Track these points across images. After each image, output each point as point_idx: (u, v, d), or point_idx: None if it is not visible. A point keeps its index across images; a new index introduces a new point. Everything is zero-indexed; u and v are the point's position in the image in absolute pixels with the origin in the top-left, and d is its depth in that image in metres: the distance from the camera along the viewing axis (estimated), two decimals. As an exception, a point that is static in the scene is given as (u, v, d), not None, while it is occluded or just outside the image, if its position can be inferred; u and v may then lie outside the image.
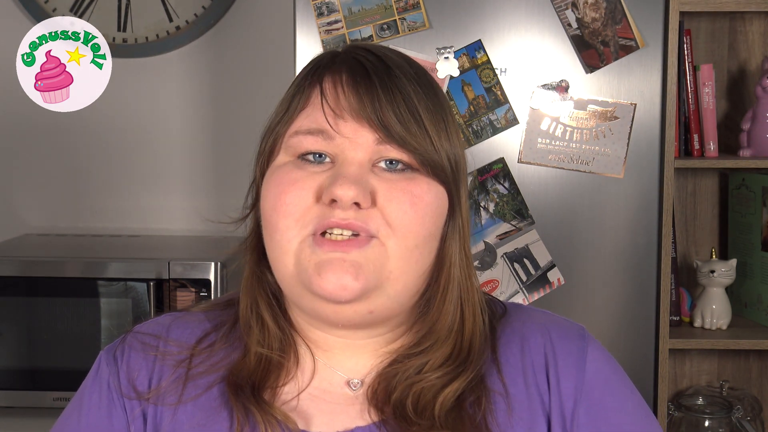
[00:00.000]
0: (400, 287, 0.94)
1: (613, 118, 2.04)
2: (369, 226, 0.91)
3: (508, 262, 2.06)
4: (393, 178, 0.93)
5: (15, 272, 2.10)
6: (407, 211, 0.92)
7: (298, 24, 2.02)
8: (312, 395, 0.98)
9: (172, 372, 0.99)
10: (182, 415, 0.97)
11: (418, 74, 0.97)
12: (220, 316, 1.05)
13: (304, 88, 0.97)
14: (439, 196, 0.95)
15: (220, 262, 2.06)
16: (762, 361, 2.53)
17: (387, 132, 0.92)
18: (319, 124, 0.94)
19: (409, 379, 0.95)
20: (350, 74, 0.94)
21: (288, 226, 0.93)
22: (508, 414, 0.95)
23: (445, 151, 0.95)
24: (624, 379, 1.02)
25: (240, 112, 2.57)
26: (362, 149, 0.93)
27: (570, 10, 2.03)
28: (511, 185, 2.05)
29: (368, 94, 0.93)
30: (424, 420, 0.92)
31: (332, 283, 0.91)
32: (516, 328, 1.02)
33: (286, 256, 0.93)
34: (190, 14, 2.55)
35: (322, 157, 0.94)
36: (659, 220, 2.06)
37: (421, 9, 2.03)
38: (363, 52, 0.97)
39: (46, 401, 2.09)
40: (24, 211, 2.61)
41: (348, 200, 0.90)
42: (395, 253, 0.92)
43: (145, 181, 2.59)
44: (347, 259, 0.91)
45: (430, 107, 0.95)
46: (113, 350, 1.02)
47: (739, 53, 2.48)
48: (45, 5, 2.53)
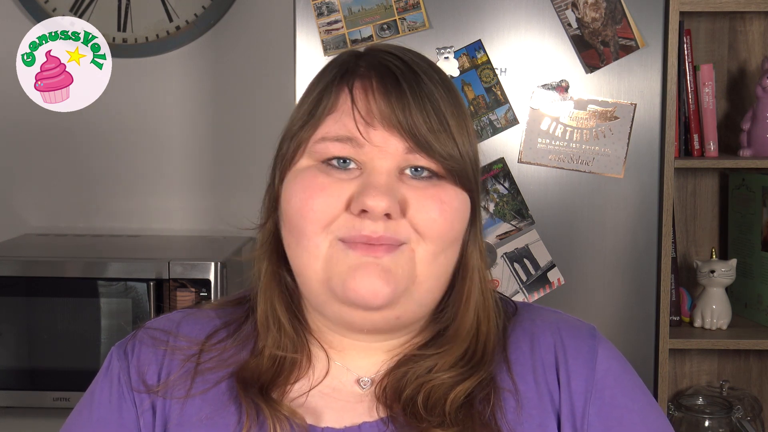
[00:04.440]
0: (424, 291, 0.94)
1: (613, 118, 2.03)
2: (399, 236, 0.92)
3: (508, 262, 2.06)
4: (421, 186, 0.93)
5: (15, 272, 2.10)
6: (436, 219, 0.92)
7: (298, 24, 2.02)
8: (321, 392, 0.98)
9: (180, 366, 0.99)
10: (190, 408, 0.97)
11: (443, 79, 0.97)
12: (230, 313, 1.05)
13: (332, 92, 0.95)
14: (464, 202, 0.96)
15: (220, 262, 2.06)
16: (762, 361, 2.53)
17: (416, 141, 0.92)
18: (348, 131, 0.93)
19: (420, 378, 0.95)
20: (380, 81, 0.93)
21: (315, 232, 0.92)
22: (517, 411, 0.95)
23: (469, 157, 0.95)
24: (635, 379, 1.02)
25: (240, 112, 2.57)
26: (391, 157, 0.92)
27: (570, 10, 2.03)
28: (511, 185, 2.05)
29: (399, 102, 0.92)
30: (434, 417, 0.92)
31: (365, 288, 0.90)
32: (526, 327, 1.02)
33: (316, 261, 0.93)
34: (190, 14, 2.55)
35: (347, 162, 0.93)
36: (659, 220, 2.06)
37: (421, 9, 2.03)
38: (389, 56, 0.96)
39: (46, 401, 2.09)
40: (24, 211, 2.61)
41: (380, 211, 0.90)
42: (423, 258, 0.93)
43: (145, 181, 2.59)
44: (379, 264, 0.91)
45: (455, 114, 0.95)
46: (124, 345, 1.03)
47: (739, 53, 2.48)
48: (45, 5, 2.52)
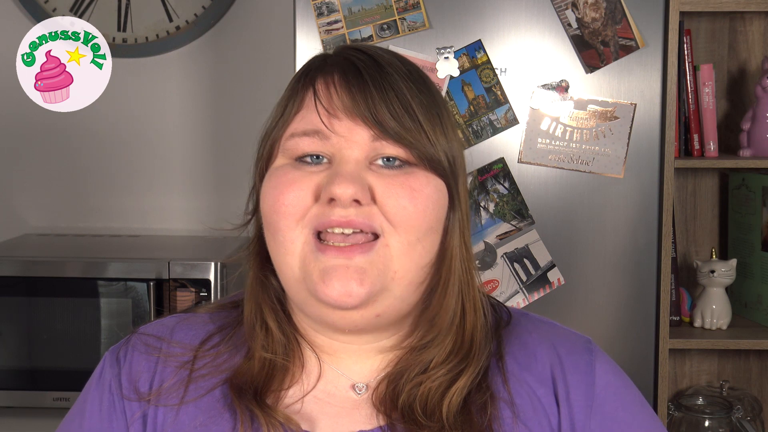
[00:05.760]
0: (405, 284, 0.94)
1: (613, 118, 2.03)
2: (372, 222, 0.91)
3: (508, 262, 2.06)
4: (391, 174, 0.93)
5: (15, 272, 2.10)
6: (407, 206, 0.92)
7: (298, 24, 2.02)
8: (317, 398, 0.98)
9: (174, 374, 0.99)
10: (184, 416, 0.97)
11: (410, 71, 0.97)
12: (225, 317, 1.05)
13: (298, 91, 0.97)
14: (439, 188, 0.95)
15: (220, 262, 2.06)
16: (762, 361, 2.53)
17: (382, 128, 0.92)
18: (314, 125, 0.94)
19: (416, 378, 0.95)
20: (342, 74, 0.95)
21: (289, 227, 0.93)
22: (513, 422, 0.95)
23: (441, 145, 0.95)
24: (634, 392, 1.01)
25: (240, 112, 2.57)
26: (358, 147, 0.93)
27: (570, 10, 2.03)
28: (511, 185, 2.05)
29: (361, 92, 0.93)
30: (434, 422, 0.92)
31: (337, 290, 0.91)
32: (523, 340, 1.01)
33: (291, 257, 0.93)
34: (190, 14, 2.55)
35: (319, 158, 0.94)
36: (659, 220, 2.05)
37: (421, 9, 2.03)
38: (354, 52, 0.97)
39: (46, 401, 2.09)
40: (24, 211, 2.61)
41: (347, 198, 0.90)
42: (398, 250, 0.92)
43: (145, 181, 2.59)
44: (351, 265, 0.91)
45: (423, 102, 0.95)
46: (117, 351, 1.03)
47: (739, 53, 2.48)
48: (45, 5, 2.52)
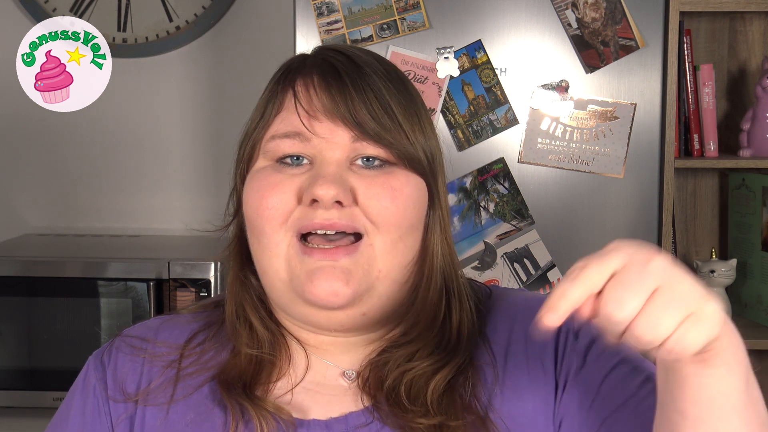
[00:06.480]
0: (389, 283, 0.95)
1: (613, 118, 2.03)
2: (355, 223, 0.92)
3: (508, 262, 2.06)
4: (371, 174, 0.94)
5: (15, 272, 2.10)
6: (388, 206, 0.93)
7: (298, 24, 2.02)
8: (306, 389, 0.98)
9: (161, 373, 0.99)
10: (173, 414, 0.97)
11: (388, 71, 0.98)
12: (208, 316, 1.05)
13: (277, 93, 0.98)
14: (419, 187, 0.96)
15: (220, 262, 2.06)
16: (762, 361, 2.53)
17: (362, 129, 0.93)
18: (294, 127, 0.94)
19: (401, 366, 0.95)
20: (321, 75, 0.95)
21: (274, 229, 0.94)
22: (494, 382, 0.95)
23: (420, 143, 0.96)
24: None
25: (240, 112, 2.54)
26: (339, 148, 0.94)
27: (570, 10, 2.03)
28: (511, 185, 2.04)
29: (340, 93, 0.94)
30: (418, 407, 0.93)
31: (323, 290, 0.92)
32: (503, 309, 1.02)
33: (277, 260, 0.94)
34: (190, 14, 2.55)
35: (300, 159, 0.95)
36: (659, 220, 2.05)
37: (421, 9, 2.03)
38: (332, 53, 0.98)
39: (46, 401, 2.09)
40: (24, 211, 2.61)
41: (329, 199, 0.91)
42: (381, 249, 0.93)
43: (145, 181, 2.59)
44: (337, 266, 0.92)
45: (402, 102, 0.96)
46: (101, 354, 1.03)
47: (739, 53, 2.48)
48: (45, 5, 2.52)
